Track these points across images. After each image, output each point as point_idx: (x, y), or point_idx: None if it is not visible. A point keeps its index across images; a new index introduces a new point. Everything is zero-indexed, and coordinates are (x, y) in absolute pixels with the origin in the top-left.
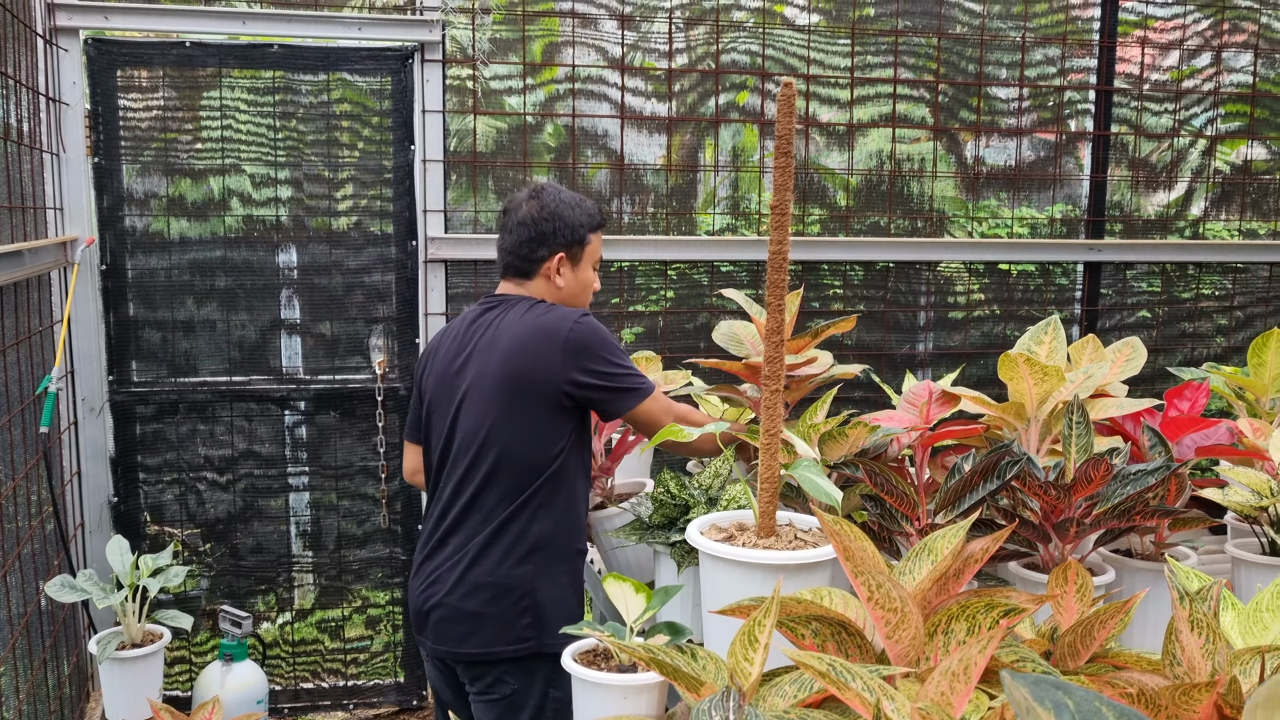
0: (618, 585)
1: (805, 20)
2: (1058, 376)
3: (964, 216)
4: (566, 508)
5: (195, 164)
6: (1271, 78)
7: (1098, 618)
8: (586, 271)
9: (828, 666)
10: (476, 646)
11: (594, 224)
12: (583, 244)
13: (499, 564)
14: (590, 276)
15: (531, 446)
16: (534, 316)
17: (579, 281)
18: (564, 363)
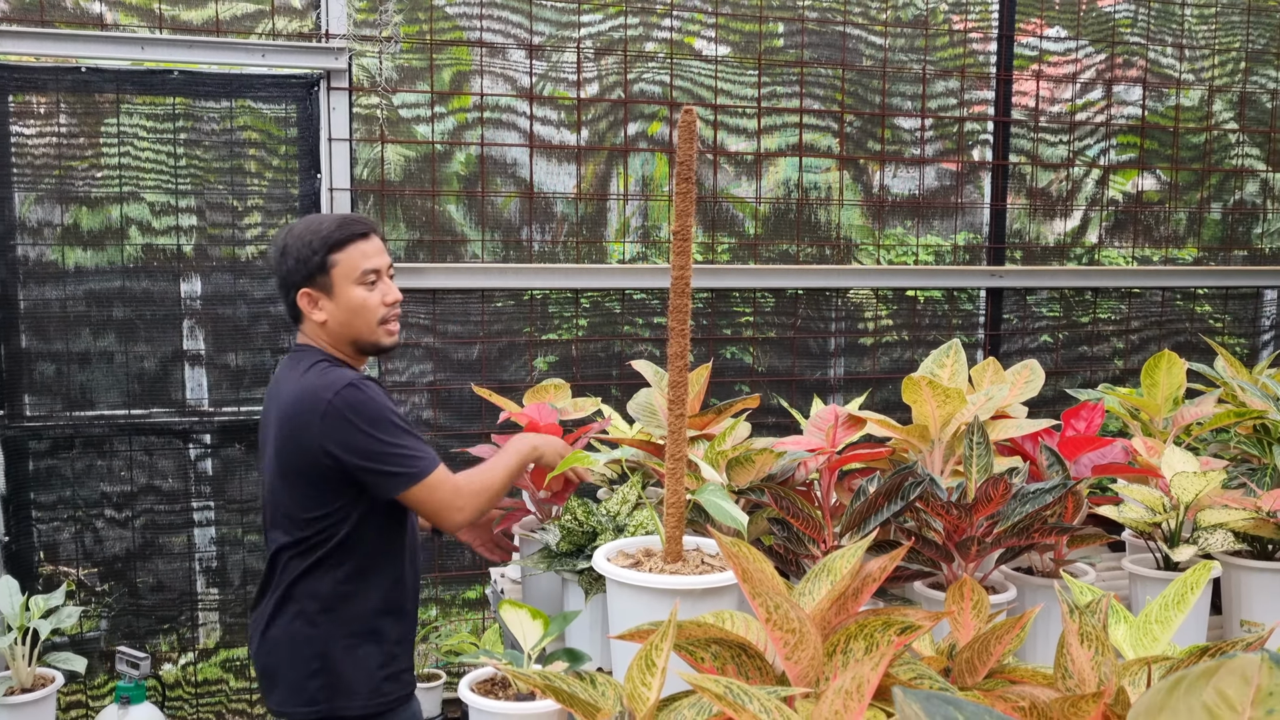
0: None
1: (713, 51)
2: (959, 399)
3: (871, 244)
4: (362, 573)
5: (93, 192)
6: (1160, 110)
7: (994, 633)
8: (349, 293)
9: (724, 689)
10: (275, 704)
11: (332, 242)
12: (325, 269)
13: (290, 622)
14: (357, 297)
15: (311, 513)
16: (304, 380)
17: (344, 308)
18: (321, 435)
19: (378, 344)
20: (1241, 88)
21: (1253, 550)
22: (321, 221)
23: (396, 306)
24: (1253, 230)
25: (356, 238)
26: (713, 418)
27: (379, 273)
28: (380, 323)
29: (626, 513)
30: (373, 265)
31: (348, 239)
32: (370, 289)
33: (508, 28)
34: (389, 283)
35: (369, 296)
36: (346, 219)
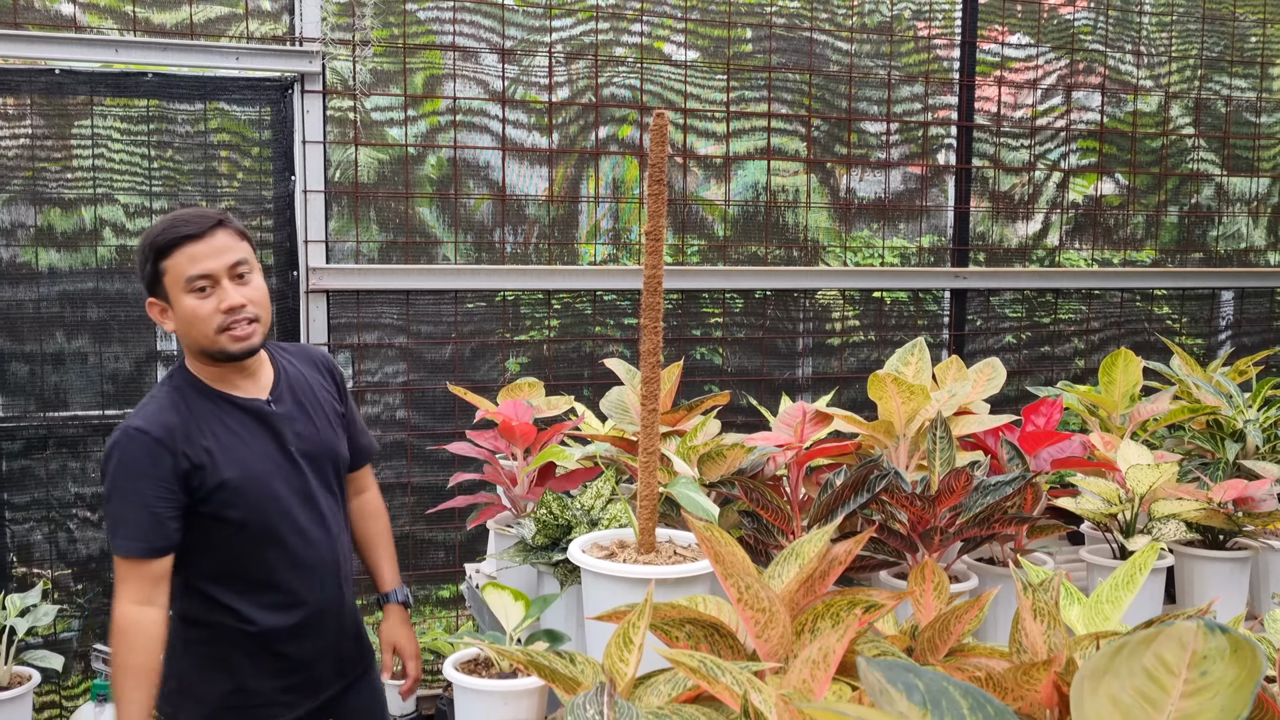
0: (497, 594)
1: (682, 56)
2: (923, 395)
3: (839, 246)
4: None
5: (66, 194)
6: (1119, 116)
7: (954, 614)
8: (182, 302)
9: (698, 663)
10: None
11: (158, 247)
12: (158, 277)
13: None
14: (187, 306)
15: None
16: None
17: (180, 318)
18: None
19: (224, 351)
20: (1197, 93)
21: (1204, 540)
22: (159, 222)
23: (239, 311)
24: (1208, 233)
25: (183, 240)
26: (684, 415)
27: (210, 277)
28: (220, 330)
29: (600, 507)
30: (200, 270)
31: (172, 243)
32: (201, 296)
33: (480, 32)
34: (227, 287)
35: (199, 305)
36: (176, 218)
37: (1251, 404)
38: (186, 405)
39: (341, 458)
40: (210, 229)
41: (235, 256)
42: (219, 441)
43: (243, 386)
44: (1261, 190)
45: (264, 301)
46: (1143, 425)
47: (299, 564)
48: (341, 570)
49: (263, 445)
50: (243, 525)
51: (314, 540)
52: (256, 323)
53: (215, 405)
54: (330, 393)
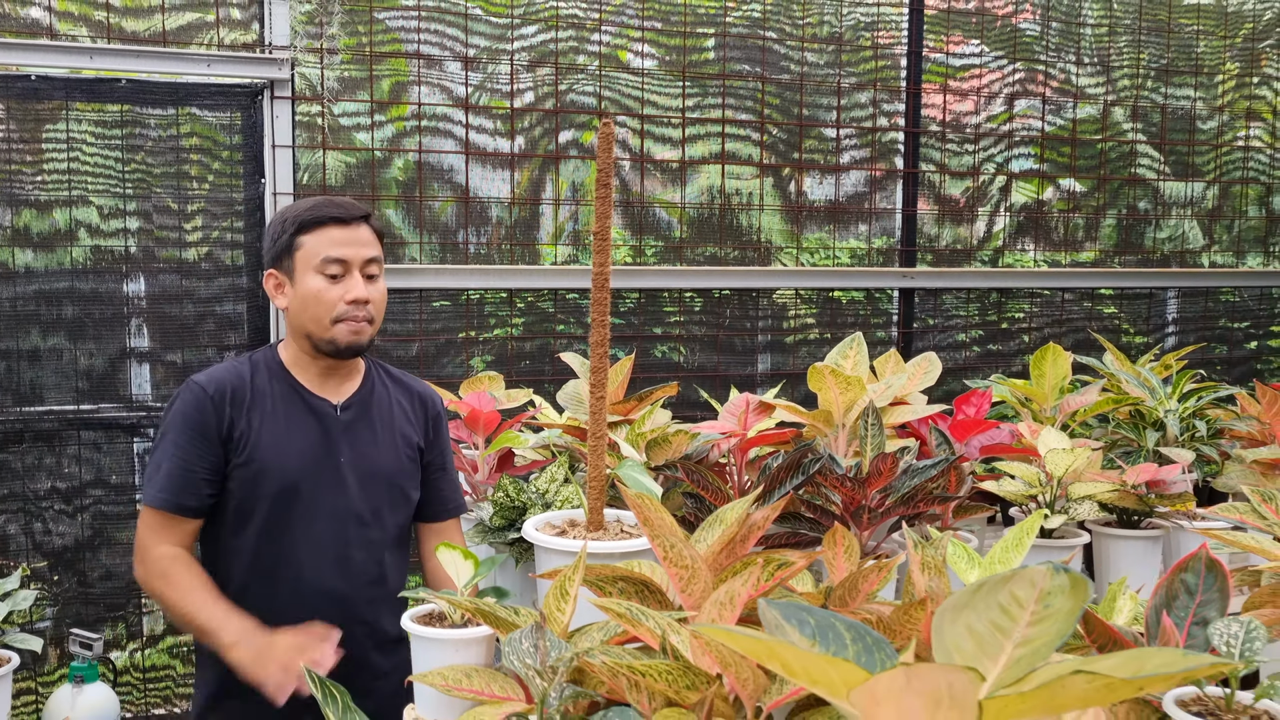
0: (449, 553)
1: (640, 64)
2: (860, 386)
3: (794, 247)
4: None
5: (40, 195)
6: (1062, 122)
7: (862, 574)
8: (305, 281)
9: (625, 609)
10: None
11: (302, 221)
12: (290, 251)
13: None
14: (313, 286)
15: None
16: None
17: (299, 296)
18: None
19: (332, 342)
20: (1134, 101)
21: (1120, 520)
22: (304, 200)
23: (362, 306)
24: (1147, 235)
25: (330, 222)
26: (635, 405)
27: (346, 264)
28: (336, 320)
29: (554, 490)
30: (338, 254)
31: (319, 221)
32: (331, 281)
33: (444, 40)
34: (358, 279)
35: (326, 289)
36: (328, 201)
37: (1172, 396)
38: (253, 377)
39: (400, 487)
40: (357, 219)
41: (372, 253)
42: (268, 424)
43: (321, 386)
44: (1203, 194)
45: (383, 304)
46: (1072, 416)
47: (300, 583)
48: (357, 614)
49: (310, 445)
50: (259, 514)
51: (327, 562)
52: (370, 324)
53: (283, 390)
54: (415, 425)
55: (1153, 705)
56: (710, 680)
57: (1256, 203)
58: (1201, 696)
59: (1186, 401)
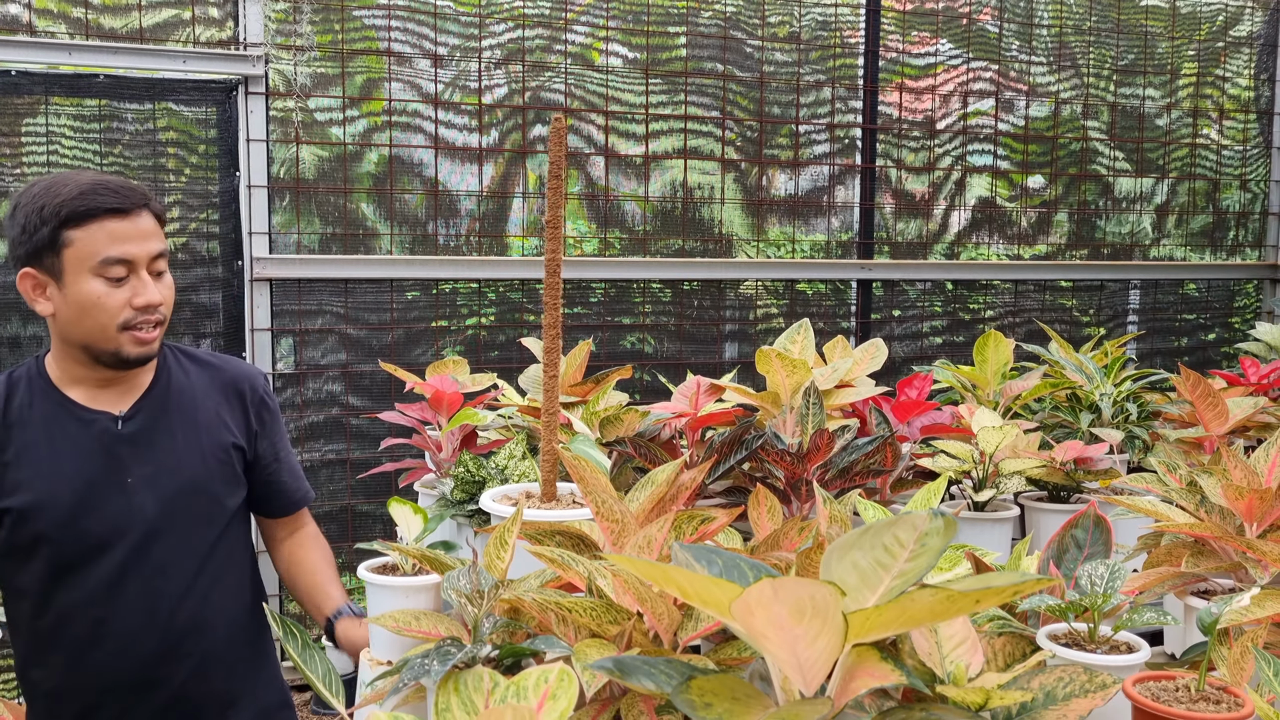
0: (400, 507)
1: (617, 60)
2: (805, 369)
3: (758, 240)
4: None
5: (19, 187)
6: (1015, 122)
7: (783, 531)
8: (81, 285)
9: (557, 555)
10: None
11: (68, 213)
12: (54, 247)
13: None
14: (91, 292)
15: None
16: None
17: (73, 302)
18: None
19: (117, 354)
20: (1084, 100)
21: (1050, 495)
22: (66, 183)
23: (152, 311)
24: (1100, 229)
25: (105, 213)
26: (592, 387)
27: (131, 264)
28: (123, 328)
29: (513, 465)
30: (120, 253)
31: (89, 212)
32: (113, 284)
33: (416, 38)
34: (146, 280)
35: (108, 294)
36: (97, 183)
37: (1107, 380)
38: (8, 399)
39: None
40: (138, 207)
41: (158, 247)
42: (30, 453)
43: (97, 396)
44: (1160, 189)
45: (172, 303)
46: (1015, 400)
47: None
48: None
49: (86, 469)
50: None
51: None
52: (161, 327)
53: (50, 410)
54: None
55: (1028, 638)
56: (630, 616)
57: (1204, 197)
58: (1071, 630)
59: (1121, 386)
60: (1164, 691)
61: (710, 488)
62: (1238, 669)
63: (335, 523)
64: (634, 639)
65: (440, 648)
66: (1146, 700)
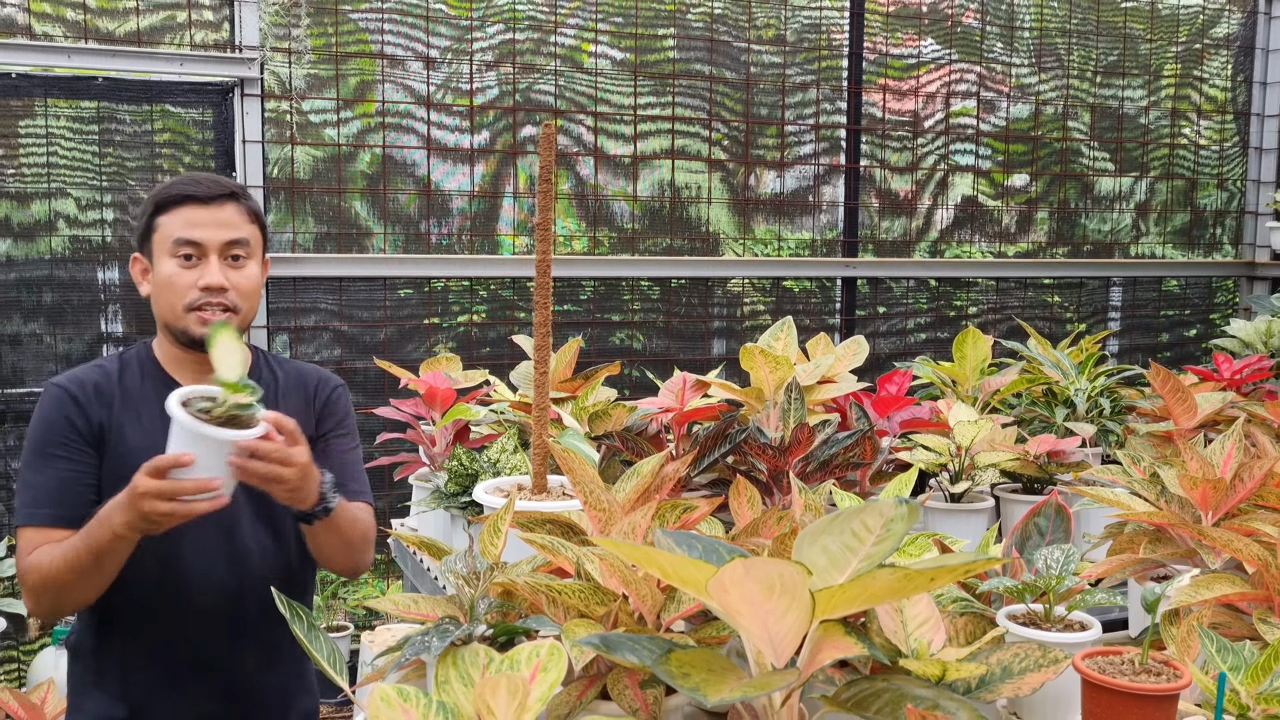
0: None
1: (607, 59)
2: (788, 366)
3: (746, 239)
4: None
5: (20, 188)
6: (997, 123)
7: (762, 519)
8: (159, 266)
9: (547, 541)
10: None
11: (159, 200)
12: (149, 233)
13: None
14: (164, 271)
15: None
16: None
17: (155, 282)
18: None
19: (185, 333)
20: (1065, 100)
21: (1024, 487)
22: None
23: (218, 294)
24: (1081, 227)
25: (187, 201)
26: (582, 383)
27: (200, 246)
28: (190, 308)
29: (504, 459)
30: (192, 235)
31: (174, 199)
32: (184, 264)
33: (409, 41)
34: (214, 264)
35: (178, 274)
36: (188, 177)
37: (1082, 376)
38: (122, 375)
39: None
40: (220, 198)
41: (235, 234)
42: (138, 424)
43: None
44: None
45: (250, 292)
46: (993, 395)
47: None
48: (249, 629)
49: None
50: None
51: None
52: (233, 313)
53: (155, 388)
54: (307, 417)
55: (989, 618)
56: (616, 598)
57: (1183, 195)
58: (1029, 610)
59: (1095, 381)
60: (1110, 665)
61: (695, 480)
62: (1184, 646)
63: None
64: (619, 619)
65: (439, 625)
66: (1094, 673)
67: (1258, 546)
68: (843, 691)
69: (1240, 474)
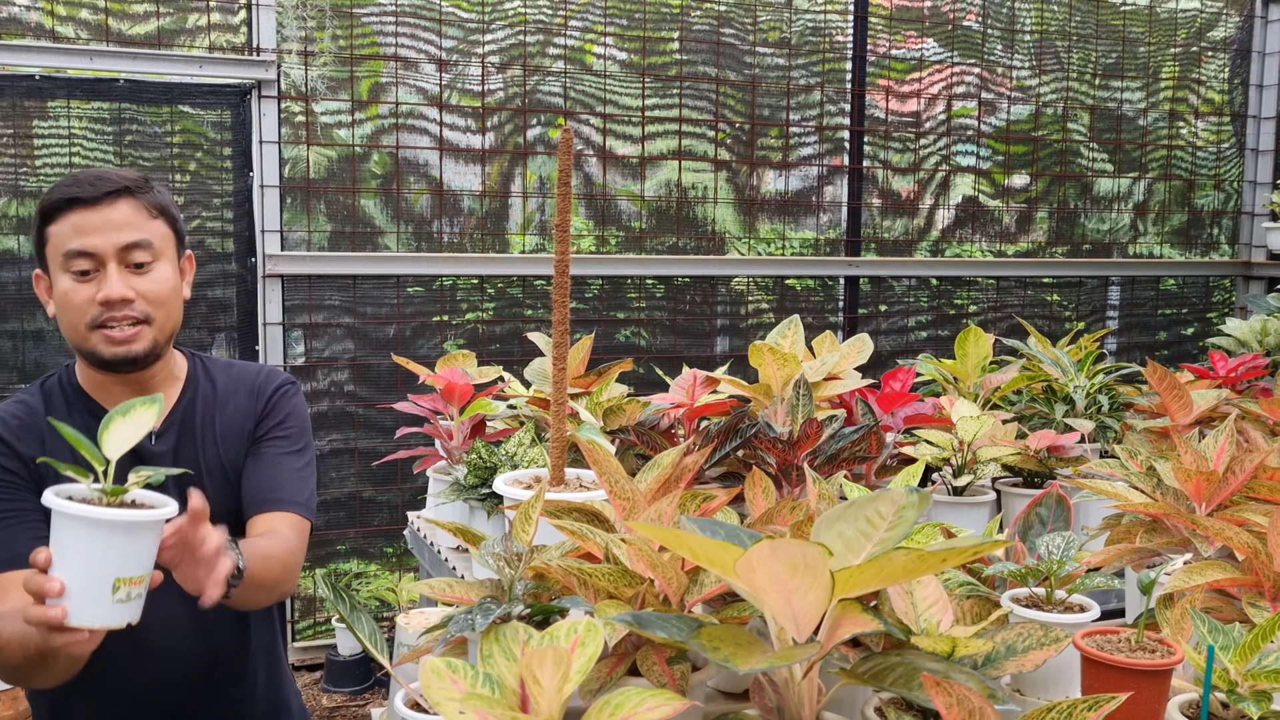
0: None
1: (604, 65)
2: (795, 363)
3: (750, 238)
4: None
5: (43, 187)
6: (997, 124)
7: (777, 509)
8: (59, 282)
9: (577, 528)
10: None
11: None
12: (42, 245)
13: None
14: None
15: None
16: None
17: (56, 301)
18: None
19: (94, 353)
20: (1064, 100)
21: (1025, 481)
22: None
23: (118, 306)
24: (1080, 226)
25: (73, 205)
26: (595, 379)
27: (94, 257)
28: (93, 326)
29: (522, 452)
30: (82, 245)
31: (60, 205)
32: (79, 279)
33: (420, 43)
34: (114, 273)
35: (74, 289)
36: (73, 177)
37: (1080, 373)
38: (48, 407)
39: (240, 522)
40: (110, 195)
41: (133, 236)
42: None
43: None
44: (1138, 188)
45: (162, 298)
46: (994, 392)
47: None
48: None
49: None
50: None
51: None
52: (146, 324)
53: (84, 421)
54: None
55: (993, 601)
56: (643, 581)
57: (1181, 196)
58: (1031, 594)
59: (1094, 379)
60: (1109, 643)
61: (706, 473)
62: (1178, 627)
63: (343, 509)
64: (646, 601)
65: (482, 604)
66: (1093, 650)
67: (1248, 535)
68: (859, 665)
69: (1232, 467)
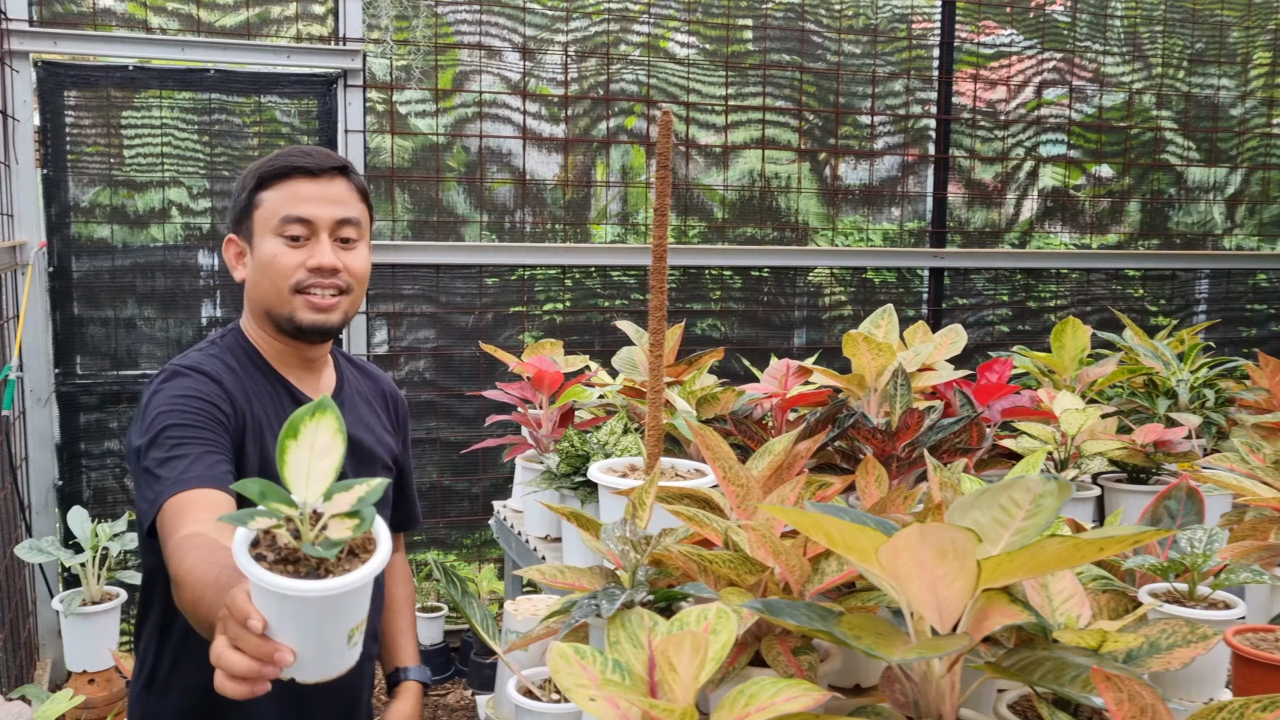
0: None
1: (684, 54)
2: (890, 352)
3: (829, 229)
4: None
5: (136, 176)
6: (1087, 111)
7: (889, 498)
8: (263, 245)
9: (694, 514)
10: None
11: (262, 174)
12: (249, 210)
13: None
14: (269, 251)
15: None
16: None
17: (255, 264)
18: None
19: (291, 319)
20: (1159, 89)
21: (1129, 477)
22: (276, 151)
23: (329, 275)
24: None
25: (295, 174)
26: (685, 368)
27: (310, 224)
28: (297, 290)
29: (614, 441)
30: (301, 212)
31: (280, 173)
32: (290, 243)
33: (503, 32)
34: (324, 243)
35: (283, 253)
36: (295, 149)
37: (1184, 367)
38: (239, 369)
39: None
40: (330, 171)
41: (347, 213)
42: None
43: (303, 379)
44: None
45: (362, 276)
46: (1091, 385)
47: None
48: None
49: None
50: None
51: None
52: (344, 296)
53: (272, 387)
54: (390, 429)
55: (1130, 596)
56: (764, 568)
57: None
58: (1171, 589)
59: (1198, 372)
60: (1263, 641)
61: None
62: None
63: (425, 499)
64: (768, 588)
65: (606, 590)
66: (1248, 648)
67: None
68: (1004, 659)
69: None
